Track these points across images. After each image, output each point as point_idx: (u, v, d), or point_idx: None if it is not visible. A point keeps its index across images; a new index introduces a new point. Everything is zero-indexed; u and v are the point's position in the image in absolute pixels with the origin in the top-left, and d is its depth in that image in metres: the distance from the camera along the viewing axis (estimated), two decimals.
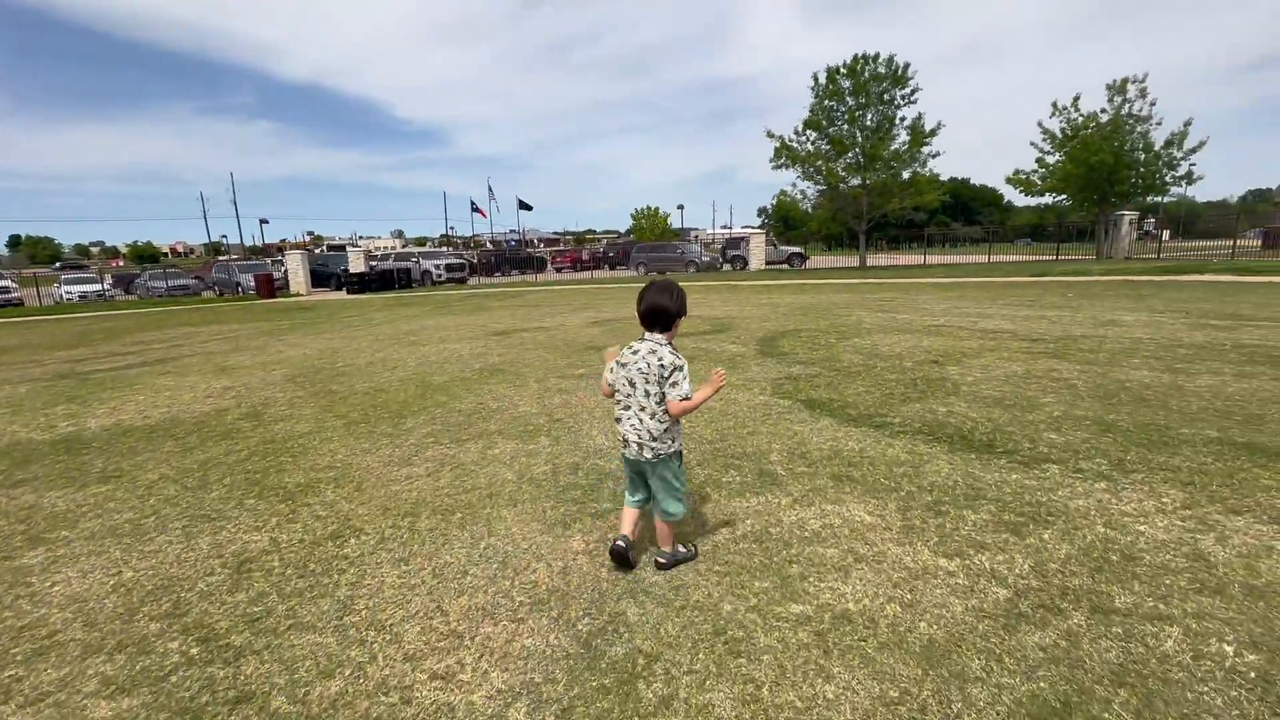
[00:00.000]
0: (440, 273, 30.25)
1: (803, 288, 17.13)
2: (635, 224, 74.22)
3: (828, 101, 24.22)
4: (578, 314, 12.17)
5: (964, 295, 12.80)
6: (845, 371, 5.61)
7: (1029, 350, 6.15)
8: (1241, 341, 6.18)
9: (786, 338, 7.68)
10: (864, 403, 4.51)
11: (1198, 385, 4.54)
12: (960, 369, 5.47)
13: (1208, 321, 7.67)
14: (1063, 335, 6.93)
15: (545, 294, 19.28)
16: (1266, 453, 3.18)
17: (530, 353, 7.59)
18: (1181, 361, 5.34)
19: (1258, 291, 11.45)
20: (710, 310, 11.48)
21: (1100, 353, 5.86)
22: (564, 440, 4.02)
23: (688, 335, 8.28)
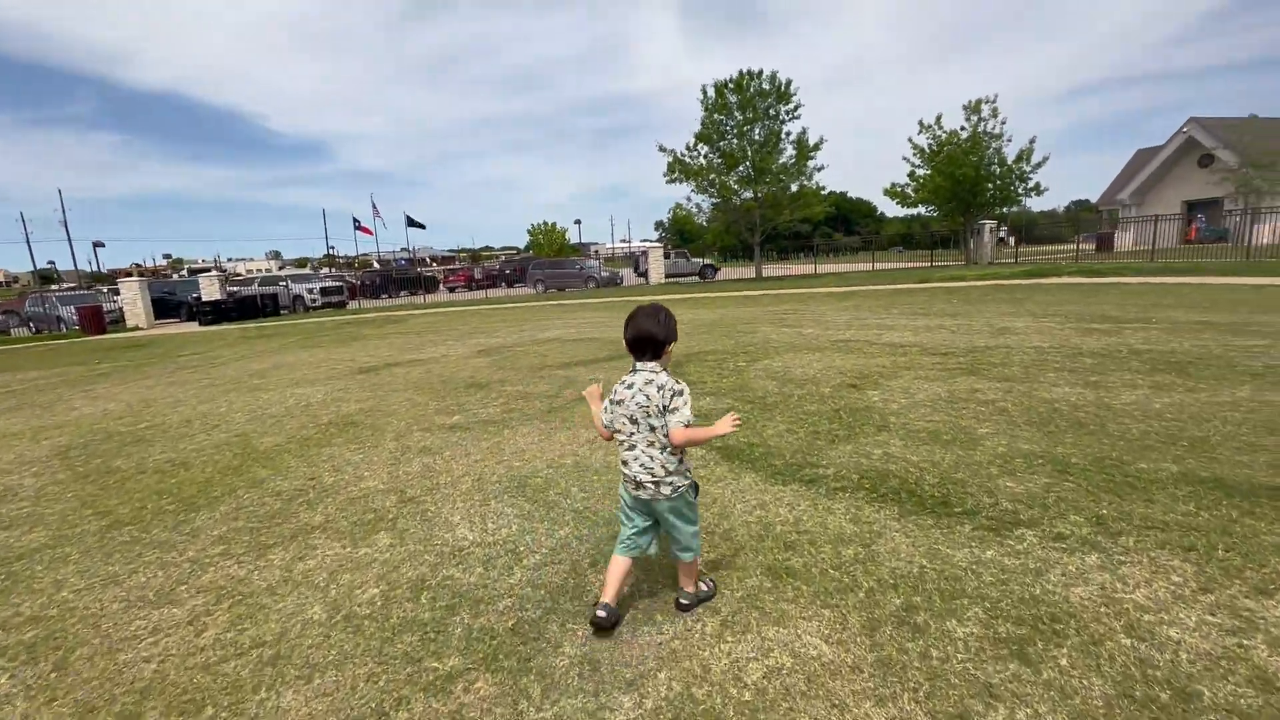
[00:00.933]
0: (315, 297, 27.44)
1: (704, 302, 16.81)
2: (533, 240, 72.69)
3: (717, 115, 24.43)
4: (464, 341, 10.94)
5: (860, 305, 12.90)
6: (761, 404, 4.95)
7: (943, 366, 5.83)
8: (1132, 346, 6.22)
9: (692, 362, 7.00)
10: (788, 447, 3.82)
11: (1124, 402, 4.26)
12: (881, 393, 4.98)
13: (1090, 325, 7.86)
14: (968, 347, 6.75)
15: (432, 318, 17.69)
16: (1240, 491, 2.78)
17: (397, 396, 6.38)
18: (1093, 373, 5.16)
19: (1110, 292, 12.35)
20: (608, 332, 10.67)
21: (1012, 366, 5.62)
22: (412, 535, 2.98)
23: (581, 364, 7.39)
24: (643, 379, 2.07)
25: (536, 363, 7.84)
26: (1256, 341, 6.13)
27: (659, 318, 2.10)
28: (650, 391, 2.04)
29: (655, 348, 2.09)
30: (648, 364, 2.10)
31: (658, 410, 2.03)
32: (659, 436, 2.04)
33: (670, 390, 2.03)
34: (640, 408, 2.05)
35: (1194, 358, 5.49)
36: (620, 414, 2.10)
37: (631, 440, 2.09)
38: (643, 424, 2.05)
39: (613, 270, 32.92)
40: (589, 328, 11.67)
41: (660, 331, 2.08)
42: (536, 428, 4.76)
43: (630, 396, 2.07)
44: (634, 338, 2.10)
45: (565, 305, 19.29)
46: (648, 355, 2.10)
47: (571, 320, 13.63)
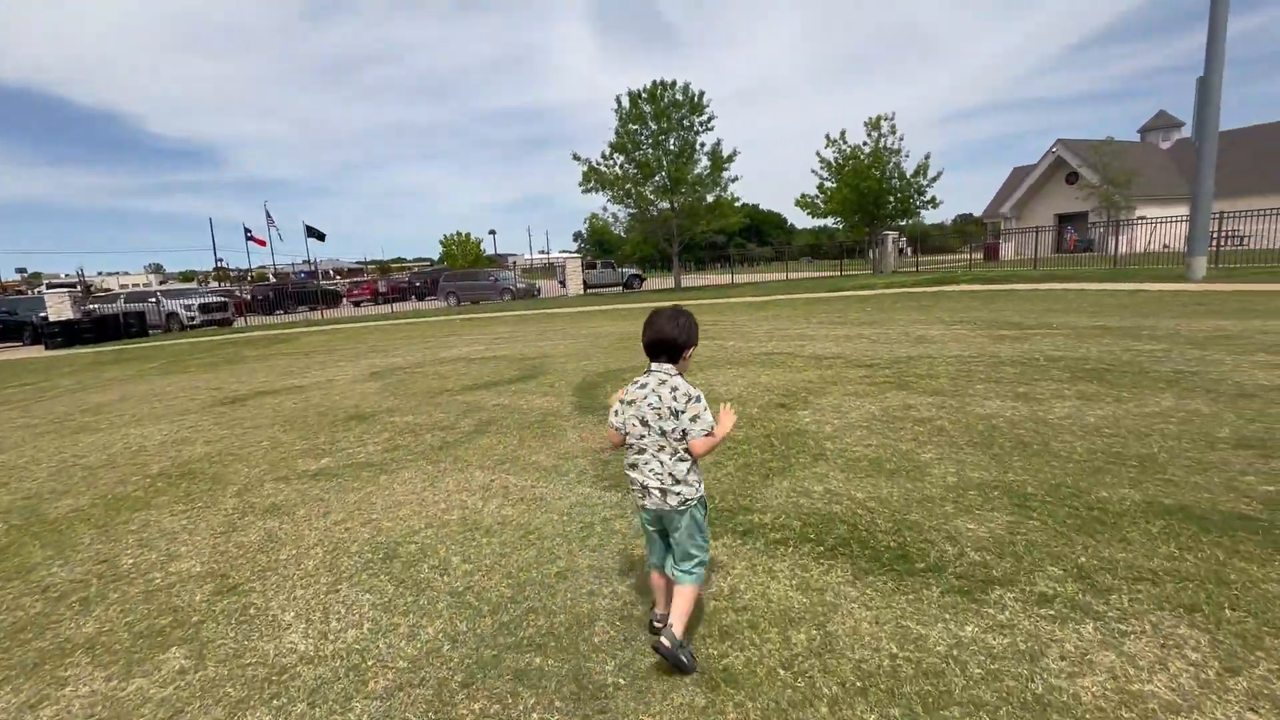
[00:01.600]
0: (193, 314, 24.61)
1: (623, 314, 16.30)
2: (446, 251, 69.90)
3: (631, 125, 24.19)
4: (356, 362, 9.79)
5: (778, 314, 12.81)
6: None
7: (870, 380, 5.54)
8: (1046, 353, 6.23)
9: (609, 382, 6.40)
10: (717, 486, 3.28)
11: (1059, 416, 4.06)
12: (812, 413, 4.57)
13: (999, 332, 7.96)
14: (892, 358, 6.56)
15: (327, 336, 16.11)
16: (1213, 523, 2.49)
17: (259, 434, 5.35)
18: (1019, 383, 5.01)
19: (1006, 298, 12.93)
20: (520, 347, 9.89)
21: (939, 378, 5.42)
22: (218, 651, 2.16)
23: (485, 387, 6.61)
24: (657, 379, 1.99)
25: (435, 386, 6.96)
26: (1154, 345, 6.29)
27: (679, 321, 2.03)
28: (664, 393, 1.96)
29: (673, 351, 2.02)
30: (664, 365, 2.02)
31: (670, 413, 1.94)
32: (670, 442, 1.95)
33: (686, 395, 1.94)
34: (653, 409, 1.96)
35: (1107, 364, 5.50)
36: (632, 415, 2.00)
37: (641, 444, 2.00)
38: (654, 427, 1.96)
39: (530, 281, 31.88)
40: (500, 344, 10.82)
41: (680, 335, 2.01)
42: (422, 471, 3.97)
43: (643, 397, 1.98)
44: (652, 340, 2.03)
45: (477, 319, 18.21)
46: (664, 358, 2.03)
47: (481, 336, 12.70)
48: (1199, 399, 4.21)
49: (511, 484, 3.60)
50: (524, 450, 4.26)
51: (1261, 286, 11.99)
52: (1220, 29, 13.58)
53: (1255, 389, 4.37)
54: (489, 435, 4.71)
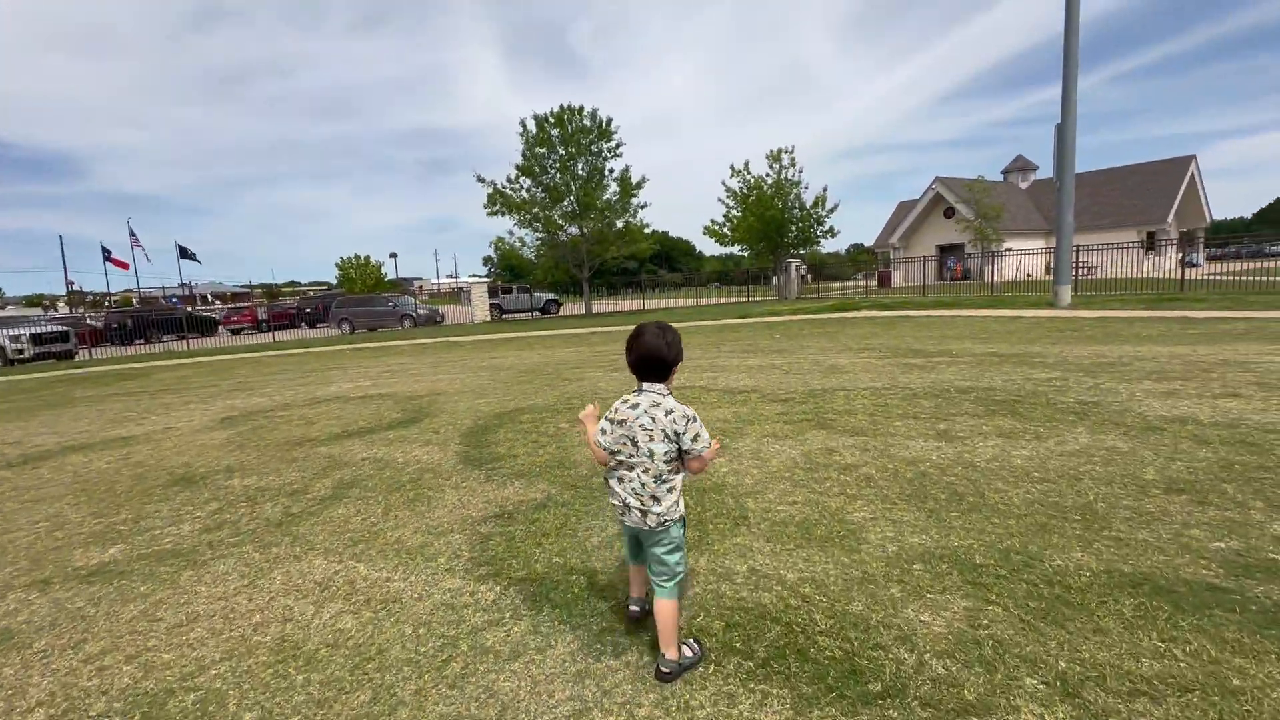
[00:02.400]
0: (22, 347, 21.06)
1: (529, 342, 15.49)
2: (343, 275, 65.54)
3: (539, 149, 23.67)
4: (210, 404, 8.38)
5: (689, 342, 12.54)
6: (584, 489, 3.78)
7: (787, 417, 5.18)
8: (954, 383, 6.18)
9: (505, 425, 5.65)
10: (620, 570, 2.67)
11: (985, 459, 3.80)
12: (730, 461, 4.09)
13: (906, 360, 7.99)
14: (806, 391, 6.29)
15: (188, 370, 14.10)
16: (1188, 603, 2.17)
17: (39, 510, 4.15)
18: (937, 419, 4.80)
19: (904, 325, 13.41)
20: (409, 383, 8.87)
21: (857, 414, 5.14)
22: None
23: (358, 434, 5.64)
24: (649, 400, 1.98)
25: (296, 435, 5.91)
26: (1050, 374, 6.42)
27: (666, 337, 1.99)
28: (657, 415, 1.95)
29: (662, 369, 2.00)
30: (655, 385, 2.01)
31: (663, 435, 1.94)
32: (657, 463, 1.95)
33: (684, 416, 1.95)
34: (645, 430, 1.95)
35: (1014, 395, 5.46)
36: (621, 434, 1.99)
37: (630, 461, 1.98)
38: (643, 448, 1.95)
39: (432, 308, 30.18)
40: (388, 379, 9.72)
41: (669, 353, 1.99)
42: (244, 562, 3.07)
43: (634, 418, 1.96)
44: (641, 358, 1.99)
45: (369, 349, 16.71)
46: (654, 376, 2.00)
47: (370, 369, 11.47)
48: (1112, 434, 4.12)
49: (360, 577, 2.80)
50: (387, 523, 3.45)
51: (1118, 313, 13.15)
52: (1072, 83, 15.08)
53: (1159, 421, 4.36)
54: (347, 503, 3.84)
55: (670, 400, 1.97)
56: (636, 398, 1.99)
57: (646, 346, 1.96)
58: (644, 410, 1.95)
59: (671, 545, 1.99)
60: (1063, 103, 15.17)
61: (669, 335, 1.98)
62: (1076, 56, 15.00)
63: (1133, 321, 11.39)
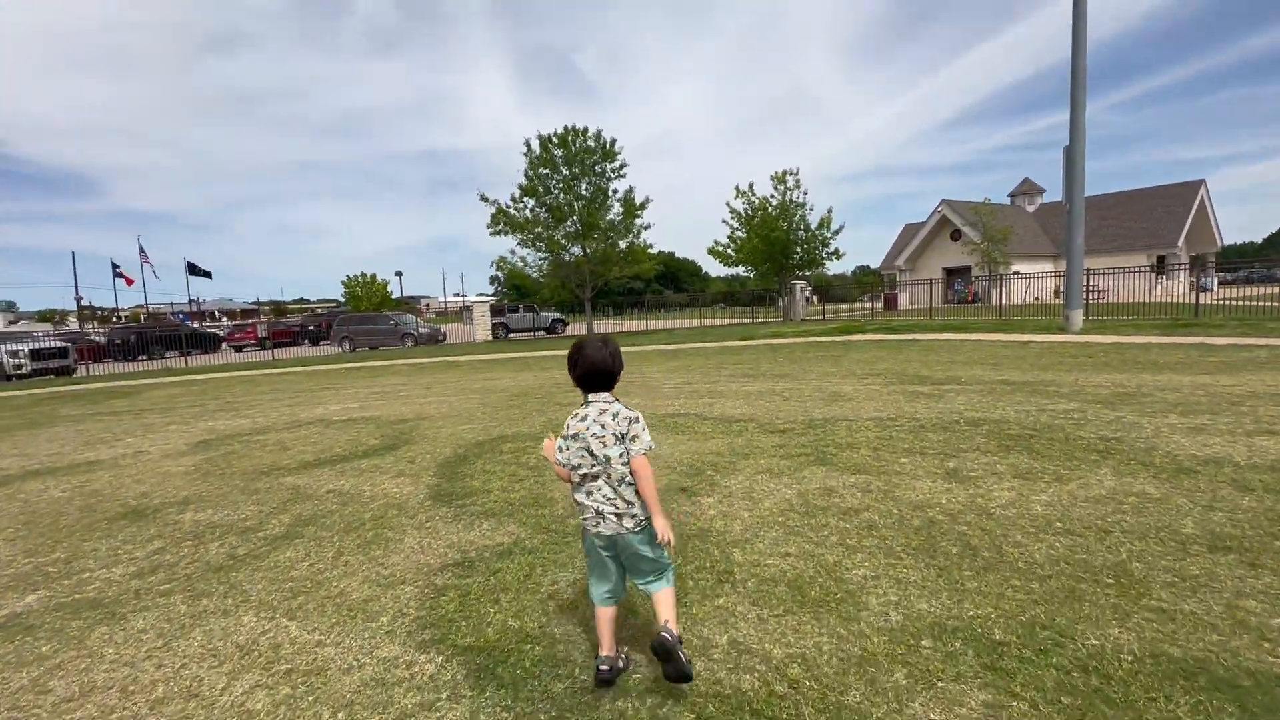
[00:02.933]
0: (21, 362, 20.97)
1: (527, 363, 15.21)
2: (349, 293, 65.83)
3: (542, 169, 23.63)
4: (191, 427, 8.10)
5: (689, 365, 12.22)
6: (556, 533, 3.43)
7: (785, 451, 4.82)
8: (964, 414, 5.81)
9: (484, 455, 5.32)
10: (584, 647, 2.31)
11: (1000, 504, 3.43)
12: (719, 501, 3.74)
13: (912, 388, 7.62)
14: (806, 420, 5.93)
15: (180, 389, 13.87)
16: (1252, 699, 1.80)
17: None
18: (946, 455, 4.44)
19: (910, 349, 13.04)
20: (396, 406, 8.56)
21: (860, 448, 4.78)
22: None
23: (331, 463, 5.31)
24: (596, 410, 2.03)
25: (266, 463, 5.59)
26: (1066, 405, 6.04)
27: (608, 349, 2.06)
28: (606, 421, 2.00)
29: (608, 379, 2.06)
30: (600, 395, 2.06)
31: (615, 438, 1.98)
32: (616, 468, 1.99)
33: (626, 417, 2.00)
34: (596, 438, 2.00)
35: (1029, 429, 5.09)
36: (577, 448, 2.03)
37: (593, 472, 2.02)
38: (600, 455, 1.99)
39: (434, 326, 30.03)
40: (377, 401, 9.42)
41: (614, 364, 2.06)
42: (167, 615, 2.74)
43: (585, 429, 2.02)
44: (587, 372, 2.05)
45: (366, 369, 16.46)
46: (600, 387, 2.06)
47: (361, 390, 11.18)
48: (1140, 476, 3.75)
49: (289, 639, 2.46)
50: (335, 570, 3.12)
51: (1131, 339, 12.75)
52: (1080, 105, 14.87)
53: (1190, 461, 3.98)
54: (298, 544, 3.51)
55: (617, 405, 2.03)
56: (584, 410, 2.04)
57: (591, 361, 2.02)
58: (593, 419, 2.01)
59: (651, 543, 2.02)
60: (1071, 125, 14.95)
61: (610, 347, 2.06)
62: (1084, 78, 14.82)
63: (1149, 348, 10.99)
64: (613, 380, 2.06)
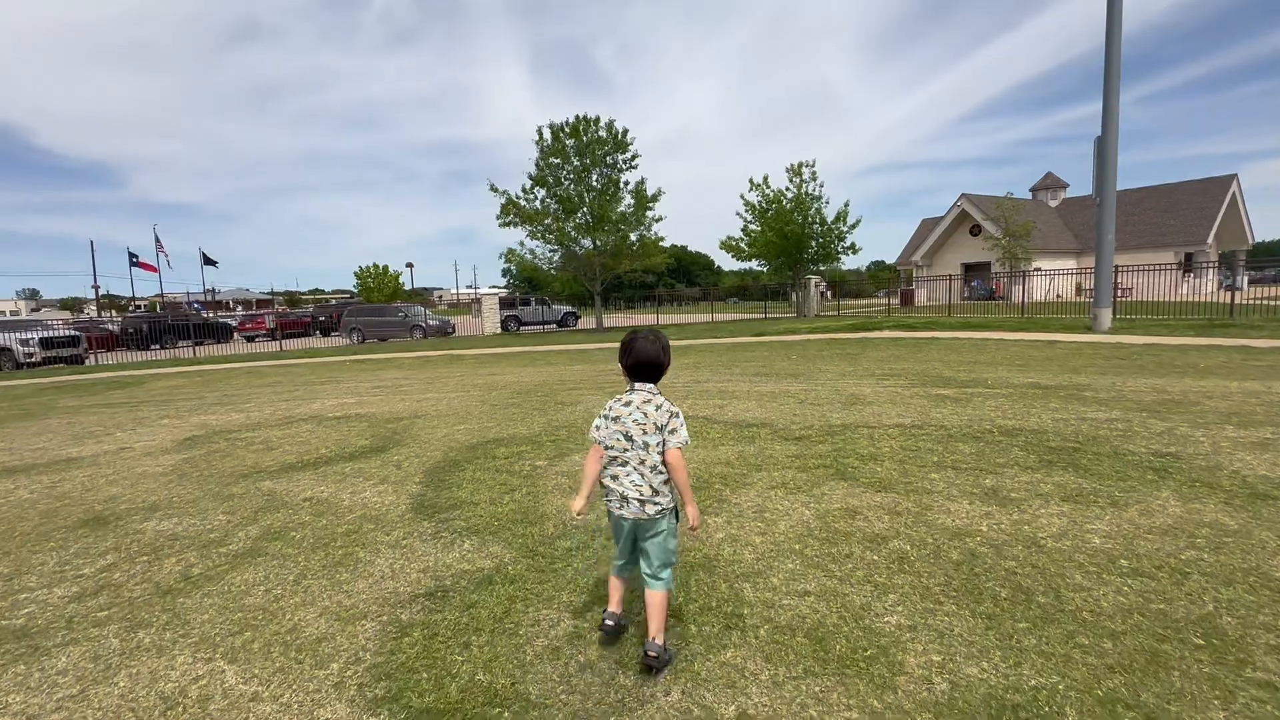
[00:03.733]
0: (32, 350, 21.00)
1: (533, 358, 14.86)
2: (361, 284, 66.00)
3: (553, 159, 23.23)
4: (184, 420, 7.84)
5: (699, 362, 11.80)
6: (544, 557, 3.05)
7: (802, 462, 4.41)
8: (996, 422, 5.35)
9: (476, 460, 4.96)
10: (572, 704, 1.93)
11: (1052, 534, 3.00)
12: (728, 522, 3.34)
13: (936, 391, 7.16)
14: (824, 426, 5.51)
15: (183, 380, 13.68)
16: None
17: None
18: (981, 470, 4.00)
19: (930, 348, 12.51)
20: (394, 403, 8.23)
21: (883, 459, 4.35)
22: None
23: (315, 465, 4.97)
24: (641, 398, 2.11)
25: (248, 464, 5.27)
26: (1106, 413, 5.57)
27: (660, 344, 2.15)
28: (649, 410, 2.08)
29: (655, 371, 2.14)
30: (646, 385, 2.14)
31: (654, 428, 2.07)
32: (652, 455, 2.07)
33: (668, 411, 2.08)
34: (638, 425, 2.08)
35: (1070, 440, 4.63)
36: (616, 430, 2.11)
37: (625, 457, 2.10)
38: (638, 441, 2.08)
39: (443, 319, 29.78)
40: (376, 396, 9.11)
41: (663, 357, 2.15)
42: (91, 655, 2.39)
43: (628, 414, 2.09)
44: (636, 363, 2.14)
45: (371, 361, 16.21)
46: (647, 378, 2.15)
47: (361, 384, 10.89)
48: (1210, 502, 3.29)
49: (222, 690, 2.11)
50: (293, 598, 2.76)
51: (1165, 340, 12.14)
52: (1114, 94, 14.18)
53: (1263, 484, 3.52)
54: (260, 562, 3.16)
55: (660, 397, 2.11)
56: (630, 396, 2.13)
57: (642, 353, 2.12)
58: (636, 407, 2.09)
59: (669, 532, 2.13)
60: (1104, 113, 14.27)
61: (661, 342, 2.16)
62: (1118, 66, 14.12)
63: (1186, 350, 10.41)
64: (660, 373, 2.15)
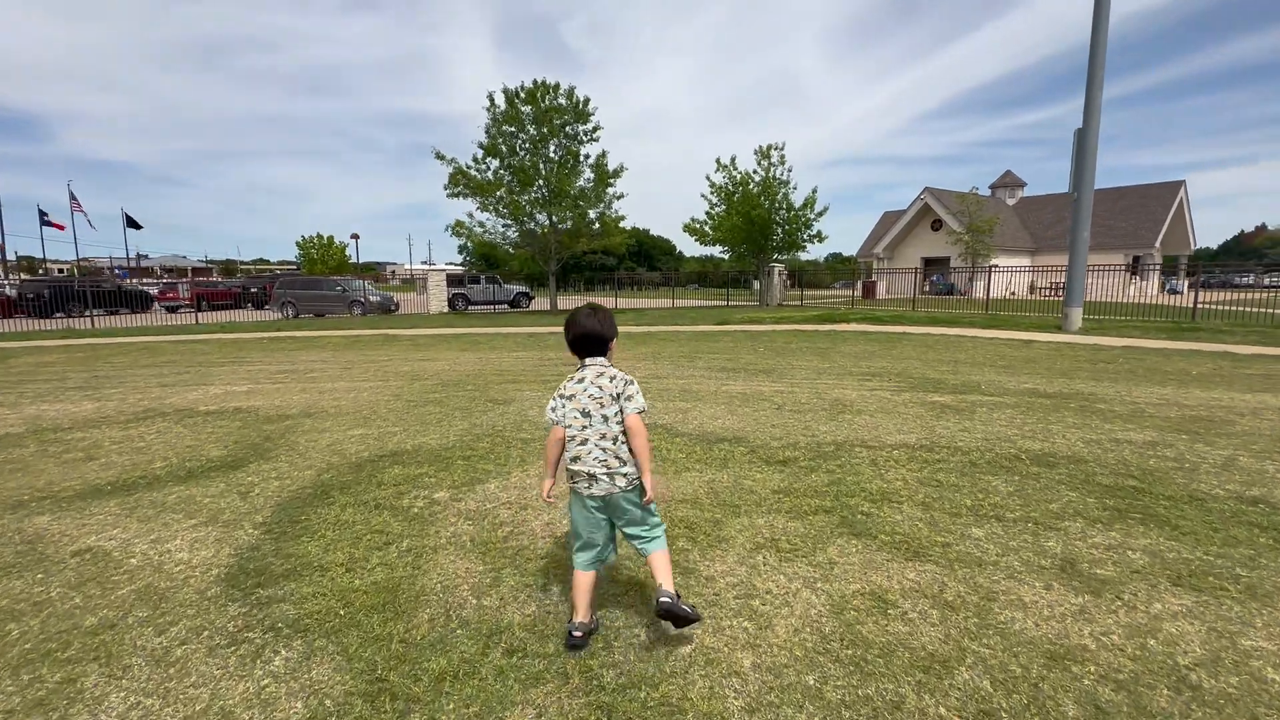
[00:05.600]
0: None
1: (476, 341, 13.42)
2: (303, 255, 61.95)
3: (507, 127, 21.47)
4: (18, 410, 6.20)
5: (660, 353, 10.66)
6: (399, 699, 1.84)
7: (792, 500, 3.30)
8: (1015, 442, 4.39)
9: (353, 489, 3.66)
10: None
11: (1194, 661, 1.98)
12: (702, 626, 2.20)
13: (928, 396, 6.21)
14: (811, 443, 4.44)
15: (59, 356, 11.68)
16: None
17: None
18: (1033, 521, 2.98)
19: (904, 344, 11.70)
20: (290, 395, 6.76)
21: (900, 500, 3.29)
22: None
23: (125, 490, 3.59)
24: (593, 373, 2.14)
25: (40, 484, 3.83)
26: (1137, 432, 4.69)
27: (599, 316, 2.19)
28: (603, 383, 2.11)
29: (601, 344, 2.18)
30: (596, 360, 2.17)
31: (610, 399, 2.08)
32: (611, 427, 2.08)
33: (623, 379, 2.12)
34: (593, 399, 2.09)
35: (1125, 475, 3.68)
36: (572, 409, 2.11)
37: (584, 434, 2.09)
38: (595, 415, 2.08)
39: (386, 295, 27.71)
40: (274, 384, 7.61)
41: (605, 330, 2.18)
42: None
43: (582, 390, 2.11)
44: (579, 336, 2.17)
45: (293, 339, 14.41)
46: (595, 351, 2.18)
47: (267, 367, 9.29)
48: None
49: None
50: None
51: (1141, 342, 11.66)
52: (1097, 84, 13.58)
53: None
54: None
55: (613, 368, 2.16)
56: (582, 372, 2.15)
57: (583, 327, 2.16)
58: (590, 381, 2.12)
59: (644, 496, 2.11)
60: (1085, 105, 13.66)
61: (601, 314, 2.20)
62: (1103, 56, 13.51)
63: (1168, 354, 9.86)
64: (604, 345, 2.17)
